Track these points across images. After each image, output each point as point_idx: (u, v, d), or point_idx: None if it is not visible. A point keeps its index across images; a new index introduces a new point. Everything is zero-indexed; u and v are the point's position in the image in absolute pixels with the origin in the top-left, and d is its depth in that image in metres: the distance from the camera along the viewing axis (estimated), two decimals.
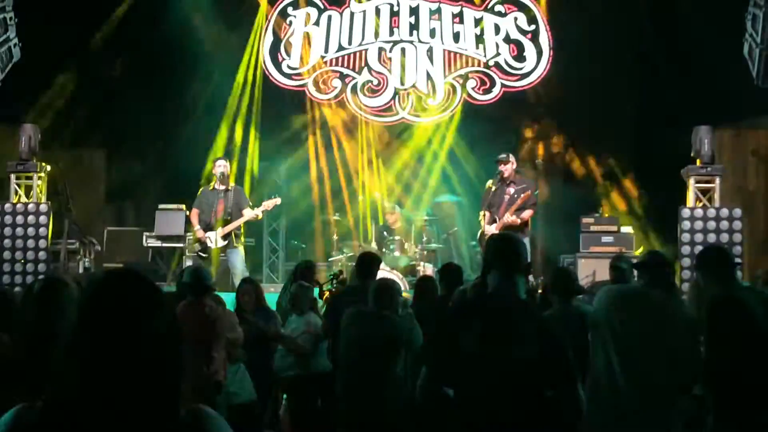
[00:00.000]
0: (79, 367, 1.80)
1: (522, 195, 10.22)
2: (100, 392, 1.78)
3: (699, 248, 10.55)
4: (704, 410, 4.41)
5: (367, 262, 6.95)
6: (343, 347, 5.75)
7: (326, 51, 13.69)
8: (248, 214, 10.56)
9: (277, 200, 10.88)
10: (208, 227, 10.56)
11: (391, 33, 13.63)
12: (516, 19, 13.43)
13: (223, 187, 10.63)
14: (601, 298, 4.59)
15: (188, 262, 11.59)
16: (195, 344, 5.58)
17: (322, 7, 13.73)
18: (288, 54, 13.70)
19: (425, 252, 11.94)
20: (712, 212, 10.88)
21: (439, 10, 13.58)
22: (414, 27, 13.60)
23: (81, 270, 11.65)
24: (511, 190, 10.40)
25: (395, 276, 10.41)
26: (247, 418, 6.20)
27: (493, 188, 10.50)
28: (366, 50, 13.65)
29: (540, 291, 6.91)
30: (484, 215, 10.54)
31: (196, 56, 13.23)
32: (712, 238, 10.75)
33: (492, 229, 10.22)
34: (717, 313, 4.28)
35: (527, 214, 10.33)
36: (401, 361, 5.50)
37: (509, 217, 10.17)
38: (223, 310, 6.20)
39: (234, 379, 6.15)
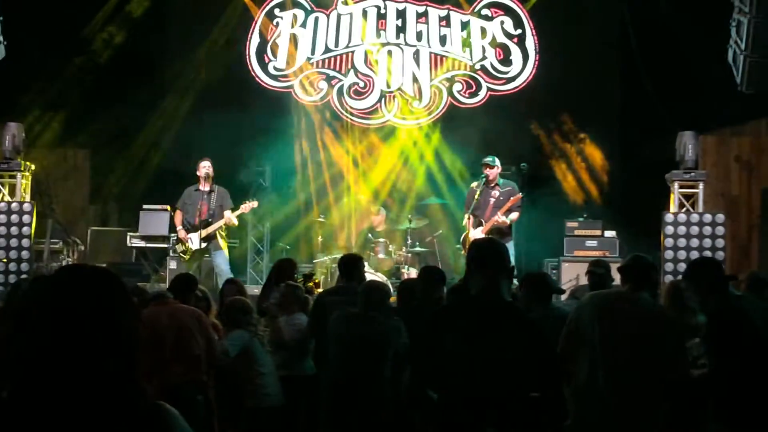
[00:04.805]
0: (27, 360, 1.84)
1: (511, 198, 10.26)
2: (48, 386, 1.81)
3: (682, 253, 10.65)
4: (704, 417, 4.44)
5: (351, 263, 6.94)
6: (331, 348, 5.74)
7: (313, 53, 13.67)
8: (227, 216, 10.55)
9: (254, 203, 10.85)
10: (192, 228, 10.56)
11: (378, 35, 13.64)
12: (503, 22, 13.46)
13: (207, 188, 10.63)
14: (587, 304, 4.58)
15: (172, 263, 11.58)
16: (178, 343, 5.58)
17: (309, 8, 13.71)
18: (274, 55, 13.68)
19: (410, 255, 11.95)
20: (695, 217, 10.93)
21: (426, 13, 13.60)
22: (401, 30, 13.60)
23: None
24: (496, 193, 10.42)
25: (379, 278, 10.41)
26: (273, 423, 6.15)
27: (478, 191, 10.50)
28: (352, 52, 13.65)
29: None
30: (469, 218, 10.54)
31: (180, 56, 13.19)
32: (695, 243, 10.79)
33: (478, 232, 10.23)
34: (719, 324, 4.29)
35: (514, 216, 10.35)
36: (388, 363, 5.50)
37: (500, 217, 10.19)
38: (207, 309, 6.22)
39: (266, 377, 6.16)
